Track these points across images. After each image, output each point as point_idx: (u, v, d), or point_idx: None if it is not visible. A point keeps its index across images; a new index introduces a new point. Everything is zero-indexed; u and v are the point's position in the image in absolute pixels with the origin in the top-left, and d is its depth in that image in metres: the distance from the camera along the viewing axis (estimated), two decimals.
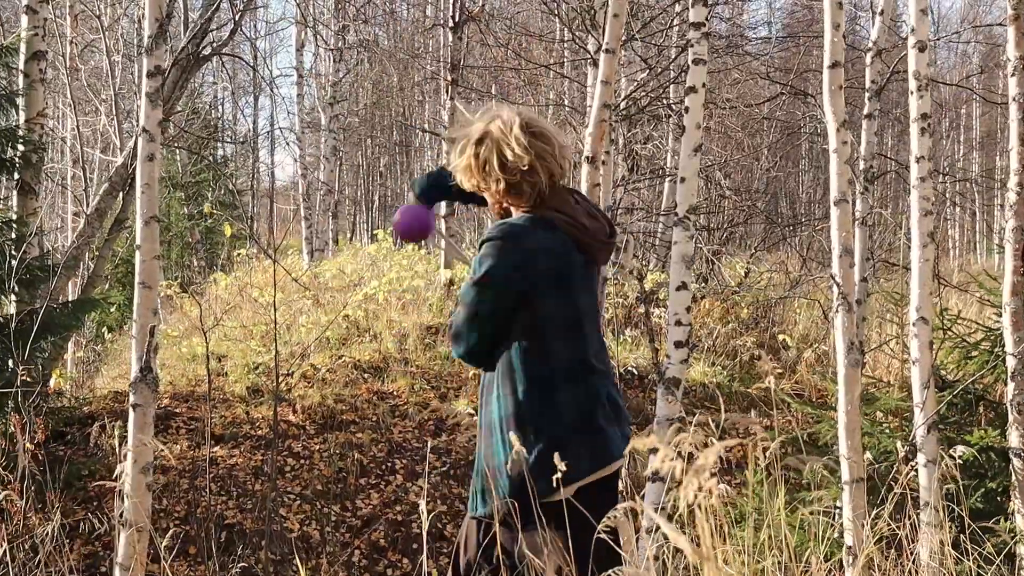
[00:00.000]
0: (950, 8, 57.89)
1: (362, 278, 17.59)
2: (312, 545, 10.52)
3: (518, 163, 3.75)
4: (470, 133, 3.87)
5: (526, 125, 3.80)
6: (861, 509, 6.08)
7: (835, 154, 6.43)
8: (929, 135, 6.95)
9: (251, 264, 22.07)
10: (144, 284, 6.05)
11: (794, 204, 31.63)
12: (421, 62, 25.79)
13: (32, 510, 6.23)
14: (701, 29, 8.02)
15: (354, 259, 21.15)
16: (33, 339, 9.01)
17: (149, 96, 6.02)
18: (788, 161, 24.63)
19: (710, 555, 2.64)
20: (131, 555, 5.95)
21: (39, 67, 11.64)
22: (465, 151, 3.87)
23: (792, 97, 19.04)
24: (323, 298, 16.46)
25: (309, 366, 13.84)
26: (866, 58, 10.77)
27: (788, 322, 18.31)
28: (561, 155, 3.84)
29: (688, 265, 8.02)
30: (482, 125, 3.85)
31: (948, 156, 42.27)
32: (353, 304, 15.48)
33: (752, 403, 13.97)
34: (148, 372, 5.90)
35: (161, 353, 15.24)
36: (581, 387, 3.79)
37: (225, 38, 13.46)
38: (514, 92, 22.63)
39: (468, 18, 15.54)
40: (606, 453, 3.77)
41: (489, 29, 21.25)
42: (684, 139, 8.11)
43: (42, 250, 11.64)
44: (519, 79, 20.93)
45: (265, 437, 11.86)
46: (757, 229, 24.95)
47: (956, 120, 43.29)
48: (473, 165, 3.85)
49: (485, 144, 3.82)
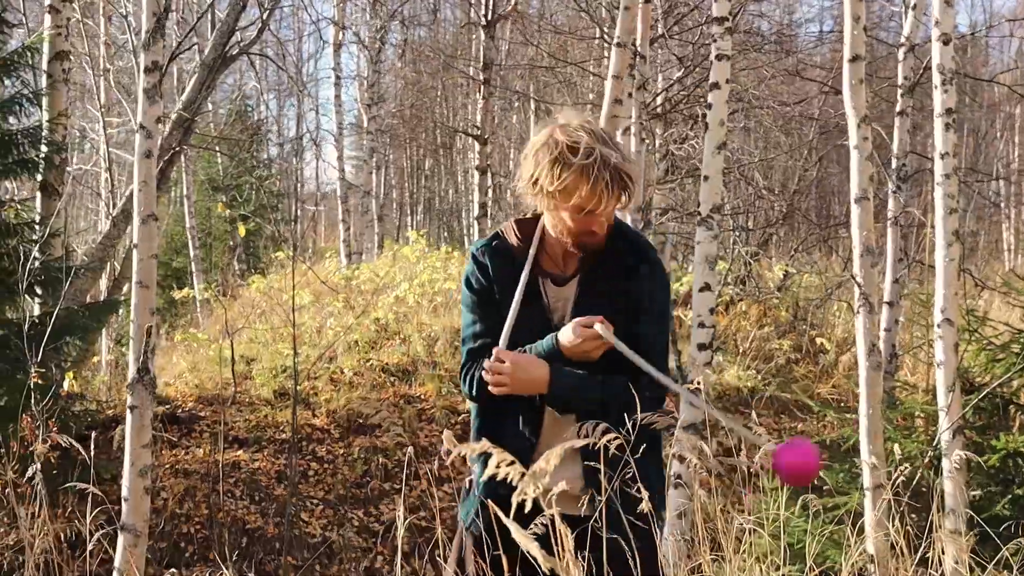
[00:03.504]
0: (1003, 5, 57.09)
1: (395, 281, 17.46)
2: (333, 550, 10.41)
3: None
4: (601, 143, 3.43)
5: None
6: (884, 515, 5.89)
7: (856, 150, 6.26)
8: (954, 131, 6.75)
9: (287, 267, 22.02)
10: (141, 283, 5.96)
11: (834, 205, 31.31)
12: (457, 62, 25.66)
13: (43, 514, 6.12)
14: (724, 24, 7.86)
15: (391, 262, 21.03)
16: (53, 341, 8.93)
17: (147, 92, 5.92)
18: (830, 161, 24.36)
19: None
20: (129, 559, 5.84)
21: (62, 67, 11.60)
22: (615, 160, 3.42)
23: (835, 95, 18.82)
24: (354, 301, 16.35)
25: (336, 369, 13.74)
26: (899, 54, 10.58)
27: (827, 325, 18.08)
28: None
29: (711, 266, 7.87)
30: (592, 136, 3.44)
31: (1003, 157, 41.60)
32: (383, 307, 15.38)
33: (786, 408, 13.79)
34: (145, 373, 5.79)
35: (192, 356, 15.19)
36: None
37: (253, 37, 13.38)
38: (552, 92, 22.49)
39: (500, 17, 15.38)
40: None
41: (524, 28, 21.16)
42: (707, 137, 7.95)
43: (65, 251, 11.56)
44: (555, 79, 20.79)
45: (289, 441, 11.75)
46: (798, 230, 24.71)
47: (1010, 120, 42.50)
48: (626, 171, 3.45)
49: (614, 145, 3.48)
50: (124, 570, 5.84)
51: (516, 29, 21.54)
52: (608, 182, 3.36)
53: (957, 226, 6.71)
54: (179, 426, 12.09)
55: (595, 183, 3.36)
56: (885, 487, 5.95)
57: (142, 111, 5.97)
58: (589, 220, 3.48)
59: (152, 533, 9.97)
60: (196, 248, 26.10)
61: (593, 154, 3.36)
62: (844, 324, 17.64)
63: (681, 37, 16.77)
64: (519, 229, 3.76)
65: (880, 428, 6.13)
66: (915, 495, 5.96)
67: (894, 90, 11.29)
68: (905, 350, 12.13)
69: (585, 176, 3.36)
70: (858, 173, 6.22)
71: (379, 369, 13.87)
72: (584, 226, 3.50)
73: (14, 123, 10.70)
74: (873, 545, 5.89)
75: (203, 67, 12.65)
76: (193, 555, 10.23)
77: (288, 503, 10.46)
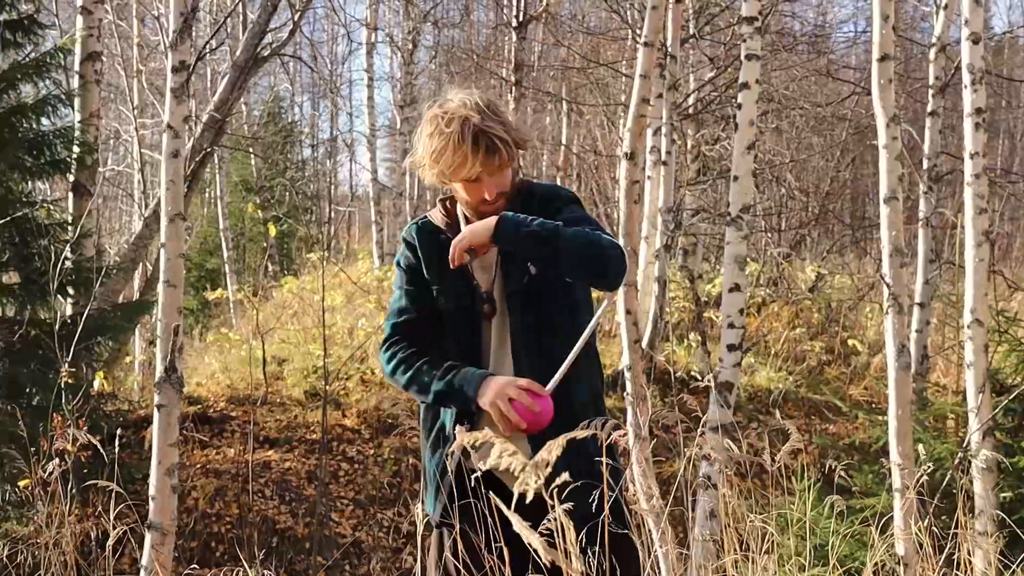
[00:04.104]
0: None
1: None
2: (363, 551, 10.42)
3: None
4: (475, 111, 3.51)
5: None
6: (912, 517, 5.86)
7: (884, 150, 6.22)
8: (984, 131, 6.72)
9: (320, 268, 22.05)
10: (168, 283, 5.98)
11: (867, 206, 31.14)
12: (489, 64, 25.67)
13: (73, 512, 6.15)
14: (753, 24, 7.84)
15: None
16: (84, 341, 8.98)
17: (174, 92, 5.95)
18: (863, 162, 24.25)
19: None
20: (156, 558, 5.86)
21: (94, 68, 11.65)
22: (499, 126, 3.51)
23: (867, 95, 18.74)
24: (386, 302, 16.35)
25: (367, 370, 13.75)
26: (930, 54, 10.53)
27: (859, 327, 17.99)
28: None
29: (741, 267, 7.85)
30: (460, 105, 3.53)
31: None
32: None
33: (817, 409, 13.74)
34: (173, 372, 5.80)
35: (224, 356, 15.24)
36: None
37: (284, 39, 13.42)
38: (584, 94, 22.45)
39: (531, 18, 15.38)
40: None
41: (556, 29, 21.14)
42: (737, 137, 7.94)
43: (97, 251, 11.62)
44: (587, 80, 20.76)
45: (319, 441, 11.77)
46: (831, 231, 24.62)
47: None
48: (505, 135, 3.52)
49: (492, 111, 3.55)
50: (151, 568, 5.86)
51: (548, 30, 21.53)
52: (473, 144, 3.46)
53: (987, 226, 6.69)
54: (210, 426, 12.13)
55: (457, 147, 3.46)
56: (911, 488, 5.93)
57: (169, 111, 6.00)
58: (477, 188, 3.58)
59: (183, 532, 10.02)
60: (229, 249, 26.21)
61: (454, 122, 3.47)
62: (876, 326, 17.55)
63: (712, 37, 16.75)
64: (444, 208, 3.85)
65: (909, 429, 6.10)
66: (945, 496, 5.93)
67: (927, 91, 11.24)
68: (936, 352, 12.07)
69: (452, 143, 3.46)
70: (887, 173, 6.19)
71: None
72: (475, 194, 3.61)
73: (47, 124, 10.76)
74: (902, 546, 5.86)
75: (234, 68, 12.69)
76: (223, 555, 10.27)
77: (318, 503, 10.49)
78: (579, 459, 3.16)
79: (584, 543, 2.89)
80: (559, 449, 2.59)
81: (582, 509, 2.93)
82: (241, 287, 23.31)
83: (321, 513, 10.53)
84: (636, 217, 7.79)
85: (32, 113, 10.43)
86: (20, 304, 10.08)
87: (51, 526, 5.58)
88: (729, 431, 7.38)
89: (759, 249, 18.16)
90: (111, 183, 26.32)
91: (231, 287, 24.13)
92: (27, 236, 9.97)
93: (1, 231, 9.22)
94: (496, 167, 3.55)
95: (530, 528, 2.52)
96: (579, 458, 3.16)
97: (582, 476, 2.91)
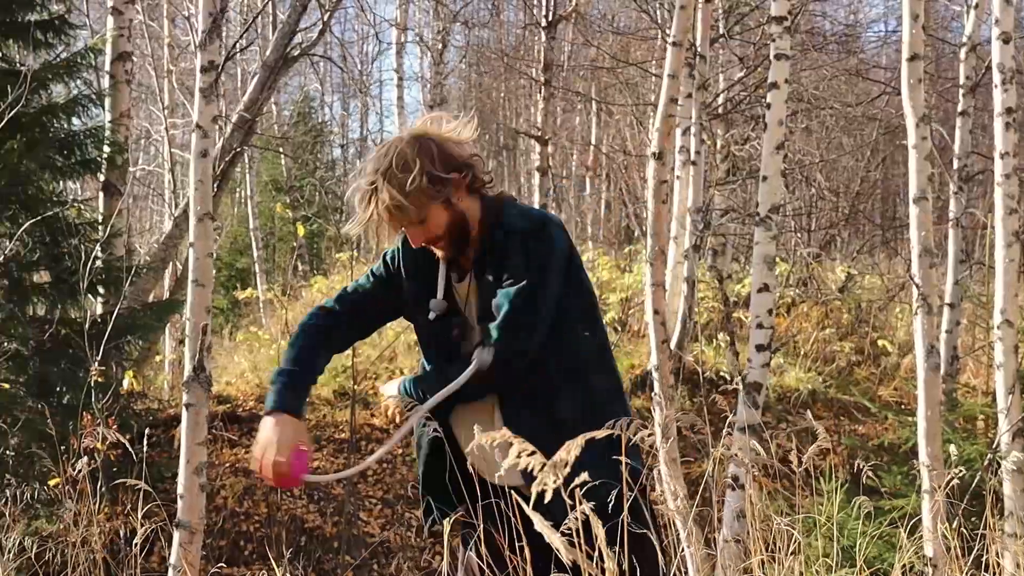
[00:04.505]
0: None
1: None
2: (391, 550, 10.43)
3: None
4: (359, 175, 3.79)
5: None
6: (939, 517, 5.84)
7: (914, 150, 6.19)
8: (1015, 130, 6.69)
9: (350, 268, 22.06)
10: (197, 282, 5.98)
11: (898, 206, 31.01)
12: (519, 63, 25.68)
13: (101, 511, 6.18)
14: (783, 23, 7.80)
15: None
16: (114, 340, 9.02)
17: (203, 91, 5.96)
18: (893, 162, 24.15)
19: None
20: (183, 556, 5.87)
21: (124, 68, 11.71)
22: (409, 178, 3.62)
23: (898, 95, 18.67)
24: None
25: (396, 369, 13.76)
26: (960, 53, 10.48)
27: (889, 328, 17.91)
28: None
29: (770, 266, 7.81)
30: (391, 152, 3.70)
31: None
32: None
33: (846, 410, 13.69)
34: (201, 371, 5.80)
35: (253, 355, 15.28)
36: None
37: (314, 39, 13.47)
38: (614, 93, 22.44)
39: (561, 18, 15.36)
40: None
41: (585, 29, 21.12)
42: (766, 136, 7.88)
43: (127, 250, 11.67)
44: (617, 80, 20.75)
45: (348, 440, 11.78)
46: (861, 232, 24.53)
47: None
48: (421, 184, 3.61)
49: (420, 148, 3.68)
50: (179, 567, 5.87)
51: (577, 30, 21.52)
52: (376, 215, 3.64)
53: (1017, 226, 6.65)
54: (239, 425, 12.16)
55: (368, 220, 3.68)
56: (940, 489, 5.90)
57: (198, 110, 6.01)
58: (412, 235, 3.71)
59: (211, 531, 10.05)
60: (259, 249, 26.28)
61: (360, 199, 3.70)
62: (906, 326, 17.45)
63: (742, 37, 16.72)
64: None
65: (939, 430, 6.07)
66: (974, 498, 5.90)
67: (957, 90, 11.20)
68: (966, 353, 12.02)
69: (363, 218, 3.70)
70: (917, 173, 6.16)
71: None
72: (414, 238, 3.73)
73: (77, 124, 10.82)
74: (931, 547, 5.84)
75: (264, 68, 12.75)
76: (252, 553, 10.30)
77: (346, 502, 10.51)
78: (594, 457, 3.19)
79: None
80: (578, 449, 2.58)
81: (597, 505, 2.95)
82: (271, 286, 23.40)
83: (349, 512, 10.55)
84: (665, 217, 7.78)
85: (63, 113, 10.48)
86: (50, 303, 10.13)
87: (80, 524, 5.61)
88: (757, 432, 7.36)
89: (788, 249, 18.10)
90: (141, 183, 26.42)
91: (261, 286, 24.19)
92: (58, 235, 10.02)
93: (32, 230, 9.25)
94: (410, 223, 3.65)
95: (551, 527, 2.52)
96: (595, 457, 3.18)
97: (599, 475, 2.93)
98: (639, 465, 3.58)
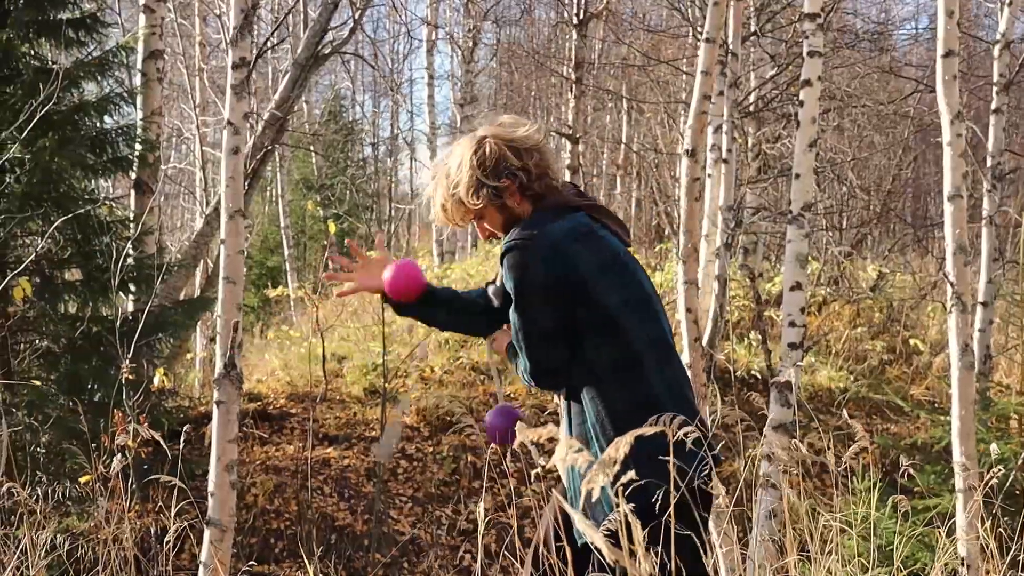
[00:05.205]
0: None
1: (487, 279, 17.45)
2: (422, 548, 10.43)
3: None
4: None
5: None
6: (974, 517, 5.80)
7: (949, 147, 6.14)
8: None
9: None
10: (228, 279, 5.98)
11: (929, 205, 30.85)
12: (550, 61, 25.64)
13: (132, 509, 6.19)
14: (816, 20, 7.77)
15: (483, 260, 21.06)
16: (145, 337, 9.04)
17: (234, 88, 5.97)
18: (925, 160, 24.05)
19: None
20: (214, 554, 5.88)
21: (156, 66, 11.73)
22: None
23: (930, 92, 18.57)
24: None
25: (426, 367, 13.77)
26: (994, 51, 10.41)
27: (921, 326, 17.83)
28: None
29: (802, 265, 7.78)
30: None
31: None
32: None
33: (878, 409, 13.63)
34: (232, 368, 5.81)
35: (284, 353, 15.30)
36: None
37: (345, 37, 13.46)
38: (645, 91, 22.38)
39: (592, 16, 15.33)
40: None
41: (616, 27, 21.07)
42: (799, 134, 7.85)
43: (158, 248, 11.69)
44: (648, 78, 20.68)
45: (378, 438, 11.79)
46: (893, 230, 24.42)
47: None
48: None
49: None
50: (210, 564, 5.87)
51: (608, 28, 21.45)
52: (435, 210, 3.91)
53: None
54: (270, 423, 12.19)
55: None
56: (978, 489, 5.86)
57: (229, 107, 6.02)
58: (477, 226, 3.92)
59: (242, 529, 10.07)
60: (290, 247, 26.35)
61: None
62: (938, 325, 17.39)
63: (774, 35, 16.66)
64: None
65: (972, 429, 6.02)
66: (1008, 497, 5.85)
67: (990, 88, 11.13)
68: (999, 351, 11.94)
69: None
70: (951, 170, 6.12)
71: (469, 368, 13.87)
72: (480, 231, 3.94)
73: (109, 122, 10.84)
74: (966, 547, 5.80)
75: (295, 66, 12.76)
76: (282, 551, 10.32)
77: (377, 500, 10.51)
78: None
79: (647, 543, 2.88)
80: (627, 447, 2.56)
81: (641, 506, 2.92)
82: (301, 284, 23.45)
83: (380, 510, 10.55)
84: (696, 215, 7.75)
85: (95, 111, 10.51)
86: (82, 301, 10.15)
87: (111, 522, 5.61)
88: (789, 430, 7.33)
89: (820, 247, 18.02)
90: (173, 181, 26.52)
91: (291, 284, 24.27)
92: (89, 233, 10.04)
93: (63, 228, 9.28)
94: (461, 219, 3.86)
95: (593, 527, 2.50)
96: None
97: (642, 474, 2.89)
98: (687, 466, 3.51)
